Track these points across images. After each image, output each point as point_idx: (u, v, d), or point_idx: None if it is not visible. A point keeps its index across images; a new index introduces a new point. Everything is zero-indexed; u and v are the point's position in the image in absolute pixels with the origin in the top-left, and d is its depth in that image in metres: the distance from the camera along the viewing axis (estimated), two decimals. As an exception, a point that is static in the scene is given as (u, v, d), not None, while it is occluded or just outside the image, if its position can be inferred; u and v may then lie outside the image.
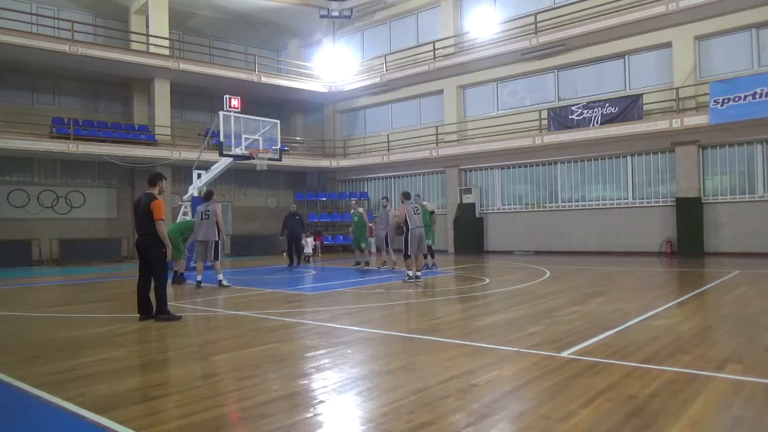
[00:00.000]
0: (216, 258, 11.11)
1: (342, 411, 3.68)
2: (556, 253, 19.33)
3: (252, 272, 15.12)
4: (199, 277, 11.04)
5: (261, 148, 15.77)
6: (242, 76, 23.23)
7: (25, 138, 18.63)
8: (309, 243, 19.30)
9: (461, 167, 22.52)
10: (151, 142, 21.46)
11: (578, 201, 19.85)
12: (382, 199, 15.55)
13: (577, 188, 19.94)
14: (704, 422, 3.30)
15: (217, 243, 11.11)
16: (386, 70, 24.08)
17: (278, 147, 16.51)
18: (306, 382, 4.38)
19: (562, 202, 20.23)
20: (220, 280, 11.07)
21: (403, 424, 3.30)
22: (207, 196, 11.49)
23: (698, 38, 17.44)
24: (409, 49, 24.42)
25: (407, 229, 11.20)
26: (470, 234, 21.57)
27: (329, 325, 6.68)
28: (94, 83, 22.92)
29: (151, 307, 7.31)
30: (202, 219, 11.03)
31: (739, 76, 16.16)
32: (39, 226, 20.21)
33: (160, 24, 22.28)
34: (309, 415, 3.55)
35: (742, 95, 15.46)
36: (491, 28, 21.92)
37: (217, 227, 11.07)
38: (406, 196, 11.76)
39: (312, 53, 28.16)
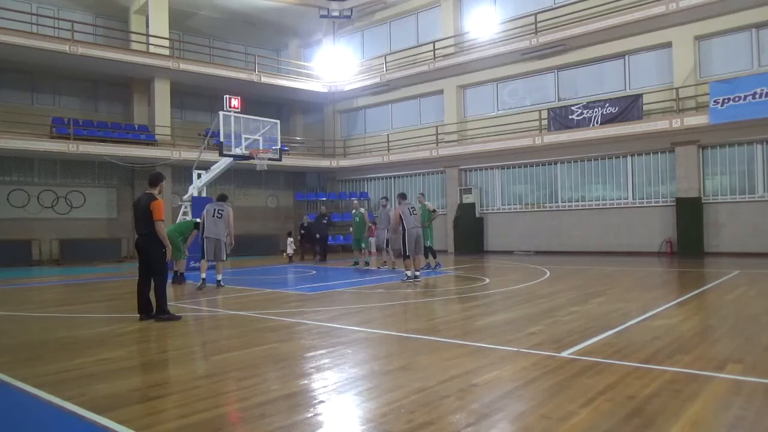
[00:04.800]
0: (222, 258, 11.07)
1: (342, 411, 3.68)
2: (556, 253, 19.33)
3: (252, 272, 15.12)
4: (203, 275, 11.01)
5: (261, 148, 15.77)
6: (242, 76, 23.24)
7: (25, 138, 18.64)
8: (290, 244, 19.48)
9: (461, 167, 22.52)
10: (151, 142, 21.46)
11: (578, 201, 19.85)
12: (382, 198, 15.56)
13: (577, 188, 19.94)
14: (704, 422, 3.30)
15: (224, 243, 11.08)
16: (386, 70, 24.08)
17: (278, 147, 16.52)
18: (306, 382, 4.37)
19: (562, 202, 20.23)
20: (219, 280, 11.06)
21: (403, 424, 3.30)
22: (222, 198, 11.49)
23: (698, 38, 17.44)
24: (409, 49, 24.42)
25: (404, 229, 11.23)
26: (470, 234, 21.57)
27: (329, 325, 6.68)
28: (94, 83, 22.94)
29: (151, 307, 7.31)
30: (213, 216, 11.00)
31: (739, 76, 16.16)
32: (39, 226, 20.21)
33: (160, 24, 22.28)
34: (309, 415, 3.55)
35: (742, 95, 15.46)
36: (491, 28, 21.93)
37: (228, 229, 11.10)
38: (402, 197, 11.85)
39: (312, 53, 28.16)
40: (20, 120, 19.61)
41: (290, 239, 19.78)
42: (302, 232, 20.18)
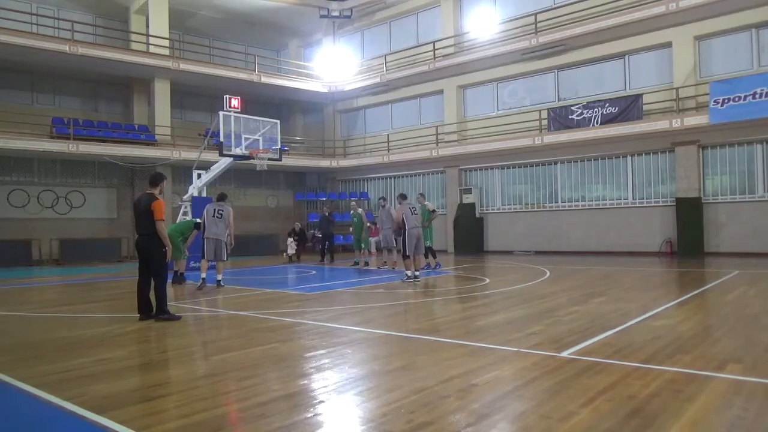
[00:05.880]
0: (222, 258, 11.07)
1: (342, 411, 3.68)
2: (556, 253, 19.33)
3: (252, 272, 15.12)
4: (203, 275, 11.03)
5: (261, 148, 15.78)
6: (242, 76, 23.23)
7: (25, 138, 18.64)
8: (291, 245, 19.49)
9: (461, 167, 22.52)
10: (151, 142, 21.46)
11: (578, 201, 19.85)
12: (380, 199, 15.40)
13: (577, 188, 19.94)
14: (704, 422, 3.30)
15: (225, 243, 11.08)
16: (386, 70, 24.07)
17: (278, 147, 16.52)
18: (306, 382, 4.37)
19: (562, 202, 20.23)
20: (219, 280, 11.07)
21: (403, 424, 3.30)
22: (221, 198, 11.49)
23: (698, 38, 17.44)
24: (409, 49, 24.42)
25: (405, 229, 11.25)
26: (470, 234, 21.57)
27: (329, 325, 6.68)
28: (94, 83, 22.93)
29: (151, 307, 7.31)
30: (213, 216, 11.01)
31: (739, 76, 16.16)
32: (39, 226, 20.21)
33: (160, 24, 22.27)
34: (309, 415, 3.55)
35: (742, 95, 15.45)
36: (491, 28, 21.92)
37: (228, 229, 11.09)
38: (403, 197, 11.91)
39: (312, 53, 28.16)
40: (20, 120, 19.59)
41: (290, 239, 19.77)
42: (296, 238, 20.02)
